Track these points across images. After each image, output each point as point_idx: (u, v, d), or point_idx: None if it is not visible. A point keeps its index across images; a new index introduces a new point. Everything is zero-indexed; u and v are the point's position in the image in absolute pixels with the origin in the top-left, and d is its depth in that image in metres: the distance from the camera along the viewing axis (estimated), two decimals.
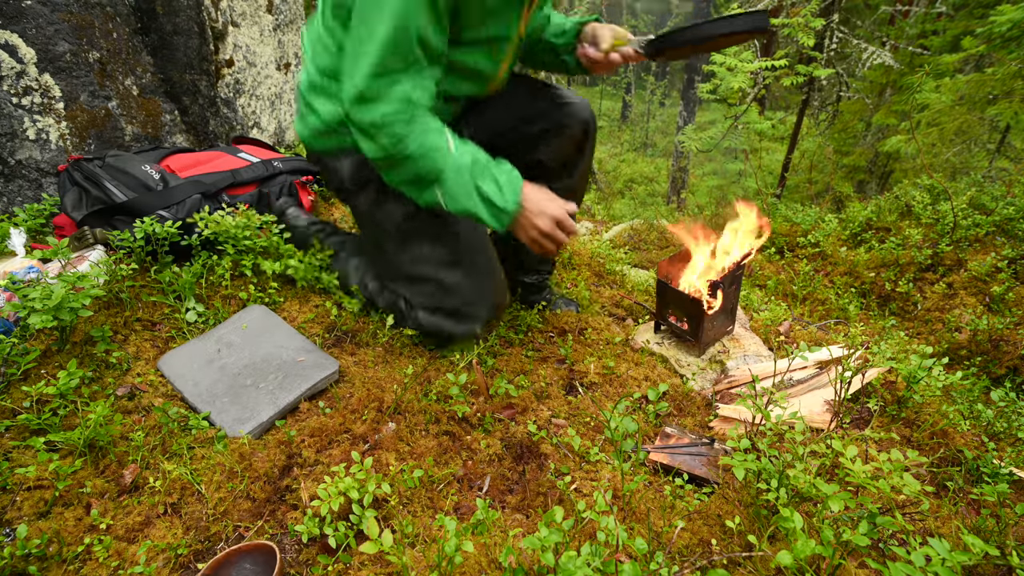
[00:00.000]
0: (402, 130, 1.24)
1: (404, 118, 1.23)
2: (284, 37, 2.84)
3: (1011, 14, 3.75)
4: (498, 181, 1.30)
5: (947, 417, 1.50)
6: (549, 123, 1.63)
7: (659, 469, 1.33)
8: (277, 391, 1.37)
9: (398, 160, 1.27)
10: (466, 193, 1.29)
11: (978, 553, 0.83)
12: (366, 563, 1.03)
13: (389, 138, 1.24)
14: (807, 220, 3.60)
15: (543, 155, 1.67)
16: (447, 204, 1.31)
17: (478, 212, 1.31)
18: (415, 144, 1.25)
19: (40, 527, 1.04)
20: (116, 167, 1.74)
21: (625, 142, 15.51)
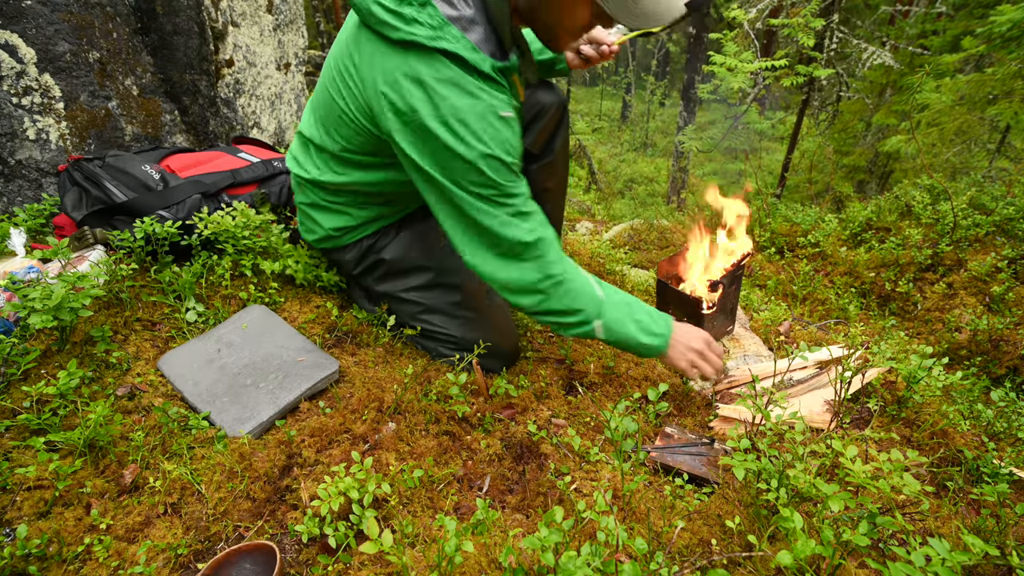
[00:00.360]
0: (556, 300, 1.33)
1: (552, 288, 1.32)
2: (284, 37, 2.84)
3: (1011, 14, 3.76)
4: (650, 313, 1.44)
5: (947, 417, 1.50)
6: (532, 114, 1.70)
7: (659, 469, 1.33)
8: (277, 391, 1.37)
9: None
10: (621, 331, 1.39)
11: (978, 553, 0.83)
12: (366, 563, 1.03)
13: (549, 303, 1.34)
14: (807, 220, 3.60)
15: (529, 144, 1.74)
16: (605, 337, 1.40)
17: (636, 339, 1.40)
18: (571, 302, 1.35)
19: (40, 527, 1.04)
20: (116, 167, 1.74)
21: (625, 142, 15.52)
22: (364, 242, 1.58)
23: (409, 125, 1.18)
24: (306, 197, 1.56)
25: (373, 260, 1.59)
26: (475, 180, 1.20)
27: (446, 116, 1.14)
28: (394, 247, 1.57)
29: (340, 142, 1.39)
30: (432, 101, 1.13)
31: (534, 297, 1.31)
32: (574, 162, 11.23)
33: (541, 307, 1.33)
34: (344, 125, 1.34)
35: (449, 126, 1.14)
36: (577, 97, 19.29)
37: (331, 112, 1.36)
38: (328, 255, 1.69)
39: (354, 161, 1.41)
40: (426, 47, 1.11)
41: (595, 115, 17.55)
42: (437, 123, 1.14)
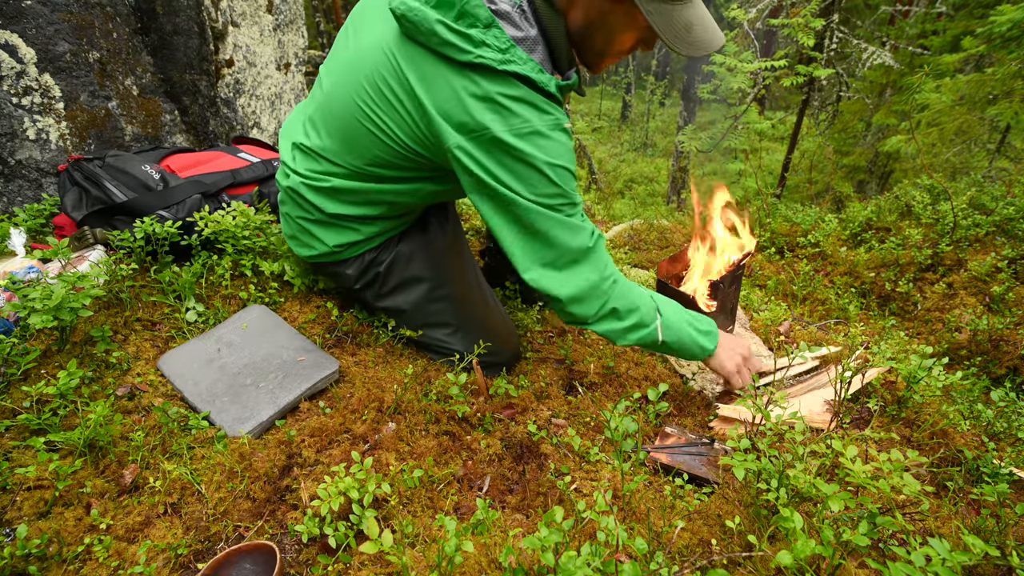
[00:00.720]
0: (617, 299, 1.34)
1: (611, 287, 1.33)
2: (284, 37, 2.84)
3: (1011, 14, 3.76)
4: (693, 315, 1.47)
5: (947, 417, 1.50)
6: None
7: (659, 469, 1.34)
8: (277, 390, 1.37)
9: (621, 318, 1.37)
10: (678, 325, 1.41)
11: (978, 553, 0.83)
12: (366, 563, 1.03)
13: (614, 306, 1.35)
14: (807, 220, 3.60)
15: None
16: (664, 337, 1.40)
17: (692, 338, 1.43)
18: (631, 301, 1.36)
19: (40, 527, 1.04)
20: (116, 167, 1.74)
21: (625, 142, 15.51)
22: (366, 256, 1.54)
23: (478, 140, 1.17)
24: (306, 213, 1.48)
25: (374, 274, 1.56)
26: (546, 190, 1.21)
27: (519, 129, 1.15)
28: (394, 258, 1.55)
29: (367, 158, 1.34)
30: (504, 117, 1.15)
31: (597, 302, 1.31)
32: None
33: (605, 310, 1.33)
34: (379, 142, 1.30)
35: (523, 137, 1.16)
36: (577, 97, 19.29)
37: (359, 128, 1.30)
38: (324, 269, 1.61)
39: (375, 175, 1.37)
40: (496, 70, 1.12)
41: (595, 115, 17.54)
42: (510, 135, 1.15)
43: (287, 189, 1.49)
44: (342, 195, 1.43)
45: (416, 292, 1.58)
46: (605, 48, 1.28)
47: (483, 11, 1.10)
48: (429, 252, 1.58)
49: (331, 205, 1.45)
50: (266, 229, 1.78)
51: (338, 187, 1.41)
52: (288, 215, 1.54)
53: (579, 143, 10.79)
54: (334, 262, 1.57)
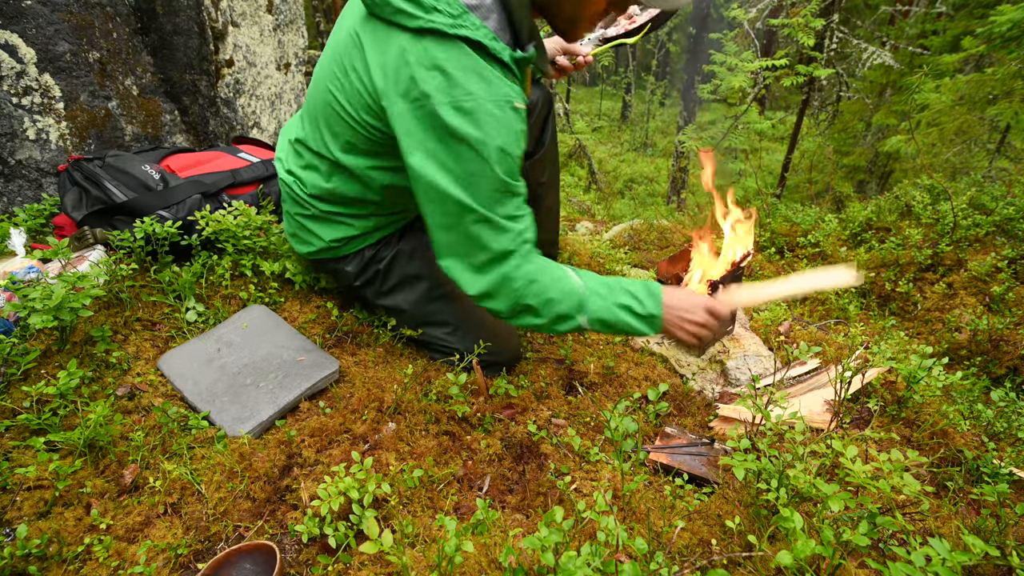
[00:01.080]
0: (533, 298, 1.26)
1: (526, 287, 1.25)
2: (284, 37, 2.84)
3: (1011, 14, 3.76)
4: (634, 294, 1.34)
5: (947, 417, 1.50)
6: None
7: (659, 469, 1.34)
8: (277, 390, 1.37)
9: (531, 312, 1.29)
10: (608, 313, 1.30)
11: (978, 553, 0.83)
12: (366, 563, 1.03)
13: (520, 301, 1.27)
14: (807, 220, 3.60)
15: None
16: (591, 327, 1.32)
17: (626, 324, 1.33)
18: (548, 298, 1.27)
19: (40, 527, 1.04)
20: (116, 167, 1.74)
21: (625, 142, 15.51)
22: (366, 252, 1.55)
23: (418, 112, 1.13)
24: (303, 209, 1.50)
25: (374, 271, 1.56)
26: (478, 172, 1.15)
27: (460, 101, 1.10)
28: (395, 256, 1.56)
29: (340, 144, 1.36)
30: (447, 87, 1.10)
31: (508, 299, 1.25)
32: (574, 162, 11.24)
33: (519, 307, 1.27)
34: (346, 125, 1.31)
35: (462, 111, 1.10)
36: (577, 97, 19.29)
37: (329, 111, 1.33)
38: (324, 267, 1.62)
39: (352, 167, 1.38)
40: (446, 35, 1.08)
41: (595, 115, 17.54)
42: (449, 109, 1.10)
43: (286, 186, 1.52)
44: (327, 188, 1.44)
45: (417, 290, 1.58)
46: (576, 13, 1.23)
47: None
48: (430, 251, 1.58)
49: (321, 200, 1.47)
50: (267, 229, 1.78)
51: (322, 180, 1.43)
52: (288, 212, 1.56)
53: (579, 143, 10.78)
54: (334, 259, 1.57)
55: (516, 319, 1.29)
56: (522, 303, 1.26)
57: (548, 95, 1.78)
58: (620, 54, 18.51)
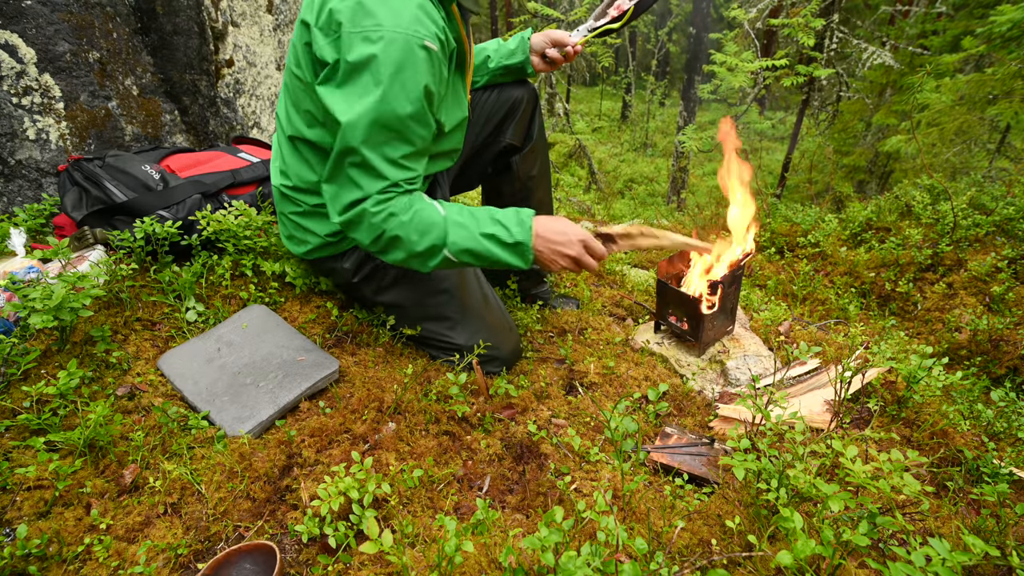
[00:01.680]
0: (389, 228, 1.25)
1: (385, 219, 1.24)
2: (284, 37, 2.84)
3: (1011, 14, 3.76)
4: (501, 222, 1.31)
5: (947, 417, 1.50)
6: (505, 110, 1.74)
7: (659, 469, 1.33)
8: (277, 390, 1.37)
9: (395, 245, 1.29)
10: (473, 242, 1.29)
11: (978, 553, 0.83)
12: (366, 563, 1.03)
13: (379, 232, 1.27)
14: (807, 220, 3.60)
15: (510, 138, 1.78)
16: (459, 259, 1.31)
17: (493, 255, 1.31)
18: (407, 232, 1.26)
19: (40, 527, 1.04)
20: (116, 167, 1.74)
21: (625, 142, 15.50)
22: (360, 251, 1.55)
23: (334, 43, 1.14)
24: (295, 206, 1.50)
25: (372, 266, 1.56)
26: (374, 106, 1.13)
27: (368, 31, 1.10)
28: None
29: (303, 117, 1.36)
30: (358, 16, 1.11)
31: (371, 232, 1.24)
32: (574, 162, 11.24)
33: (381, 242, 1.26)
34: (301, 91, 1.33)
35: (368, 40, 1.10)
36: (577, 97, 19.30)
37: (292, 84, 1.35)
38: (323, 265, 1.62)
39: (319, 144, 1.38)
40: None
41: (595, 115, 17.54)
42: (357, 38, 1.11)
43: (279, 187, 1.52)
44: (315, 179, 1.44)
45: (415, 285, 1.58)
46: None
47: None
48: None
49: (310, 194, 1.47)
50: (268, 229, 1.78)
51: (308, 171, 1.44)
52: (282, 213, 1.56)
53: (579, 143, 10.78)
54: (331, 256, 1.57)
55: (384, 254, 1.30)
56: (385, 236, 1.25)
57: (533, 90, 1.81)
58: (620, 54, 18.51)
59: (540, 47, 1.70)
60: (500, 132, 1.76)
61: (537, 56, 1.71)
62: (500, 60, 1.71)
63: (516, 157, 1.82)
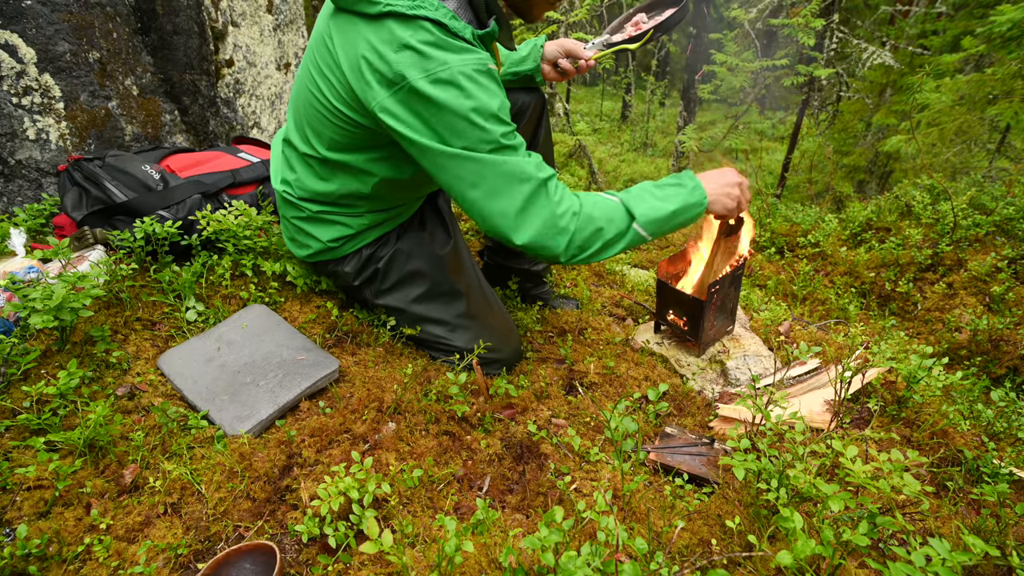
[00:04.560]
0: (584, 227, 1.26)
1: (573, 218, 1.25)
2: (284, 37, 2.84)
3: (1011, 14, 3.76)
4: (669, 183, 1.37)
5: (947, 417, 1.50)
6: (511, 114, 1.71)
7: (659, 469, 1.33)
8: (277, 389, 1.37)
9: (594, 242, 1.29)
10: (660, 208, 1.32)
11: (978, 553, 0.83)
12: (366, 563, 1.03)
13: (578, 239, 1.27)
14: (807, 220, 3.60)
15: None
16: (647, 230, 1.32)
17: (682, 213, 1.34)
18: (599, 220, 1.28)
19: (40, 527, 1.04)
20: (116, 167, 1.74)
21: (625, 142, 15.49)
22: (364, 251, 1.55)
23: (398, 94, 1.15)
24: (298, 211, 1.51)
25: (373, 270, 1.56)
26: (475, 136, 1.16)
27: (437, 73, 1.11)
28: (393, 254, 1.56)
29: (325, 142, 1.36)
30: (420, 63, 1.11)
31: (562, 238, 1.24)
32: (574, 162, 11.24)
33: (574, 245, 1.26)
34: (327, 122, 1.31)
35: (442, 83, 1.12)
36: (577, 97, 19.29)
37: (311, 112, 1.34)
38: (324, 269, 1.63)
39: (341, 163, 1.39)
40: (406, 16, 1.10)
41: (595, 115, 17.54)
42: (428, 82, 1.11)
43: (282, 193, 1.53)
44: (319, 190, 1.45)
45: (416, 288, 1.58)
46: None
47: None
48: (428, 249, 1.58)
49: (314, 202, 1.48)
50: (268, 229, 1.78)
51: (313, 182, 1.44)
52: (285, 217, 1.57)
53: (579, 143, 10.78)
54: (333, 260, 1.57)
55: (577, 258, 1.29)
56: (577, 239, 1.26)
57: (542, 96, 1.79)
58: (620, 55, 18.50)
59: (553, 56, 1.70)
60: None
61: (548, 65, 1.71)
62: (511, 66, 1.70)
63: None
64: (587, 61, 1.67)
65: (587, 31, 7.81)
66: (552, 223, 1.23)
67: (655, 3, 1.70)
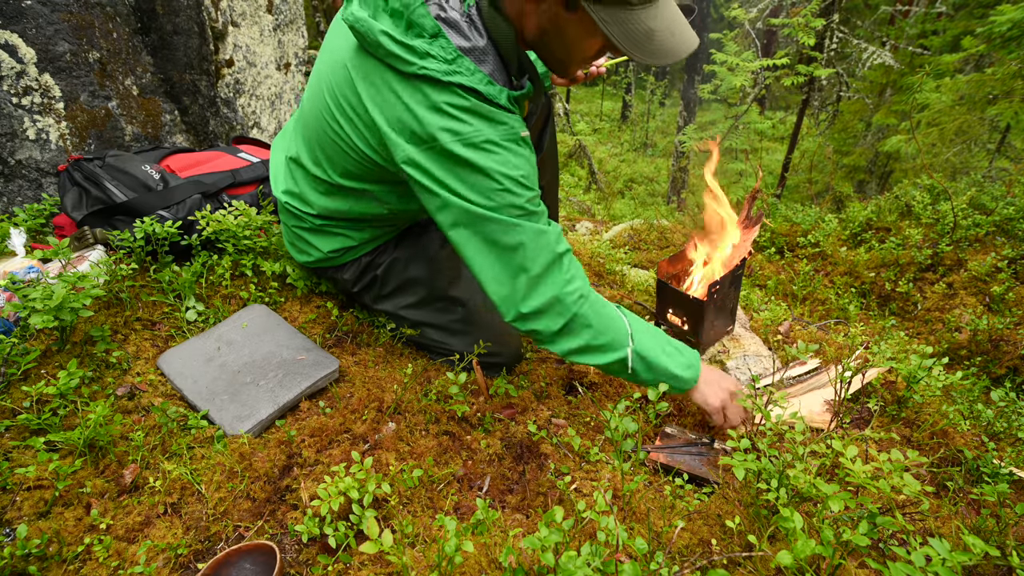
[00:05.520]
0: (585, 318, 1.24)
1: (578, 302, 1.23)
2: (284, 37, 2.84)
3: (1011, 14, 3.76)
4: (677, 345, 1.36)
5: (947, 417, 1.50)
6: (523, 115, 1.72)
7: (659, 469, 1.33)
8: (277, 389, 1.37)
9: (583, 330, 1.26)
10: (656, 354, 1.29)
11: (978, 553, 0.83)
12: (366, 563, 1.03)
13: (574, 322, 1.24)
14: (807, 220, 3.60)
15: None
16: (632, 365, 1.28)
17: (670, 370, 1.31)
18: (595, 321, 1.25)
19: (40, 527, 1.04)
20: (116, 167, 1.74)
21: (625, 142, 15.50)
22: (363, 259, 1.56)
23: (428, 153, 1.13)
24: (300, 222, 1.51)
25: (371, 277, 1.57)
26: (502, 200, 1.15)
27: (471, 138, 1.11)
28: (392, 263, 1.56)
29: (339, 171, 1.35)
30: (453, 127, 1.10)
31: (561, 317, 1.22)
32: (574, 162, 11.24)
33: (570, 328, 1.23)
34: (345, 155, 1.30)
35: (475, 147, 1.11)
36: (577, 97, 19.29)
37: (325, 140, 1.32)
38: (323, 274, 1.64)
39: (352, 189, 1.38)
40: (440, 81, 1.08)
41: (595, 115, 17.54)
42: (461, 146, 1.11)
43: (281, 202, 1.53)
44: (324, 207, 1.45)
45: (415, 295, 1.58)
46: (567, 57, 1.23)
47: (429, 21, 1.07)
48: (427, 255, 1.58)
49: (318, 217, 1.48)
50: (268, 229, 1.78)
51: (319, 199, 1.44)
52: (285, 224, 1.57)
53: (579, 143, 10.78)
54: (332, 267, 1.58)
55: (560, 342, 1.25)
56: (575, 324, 1.23)
57: (548, 99, 1.78)
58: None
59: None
60: None
61: None
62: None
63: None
64: (598, 67, 1.67)
65: None
66: (557, 299, 1.20)
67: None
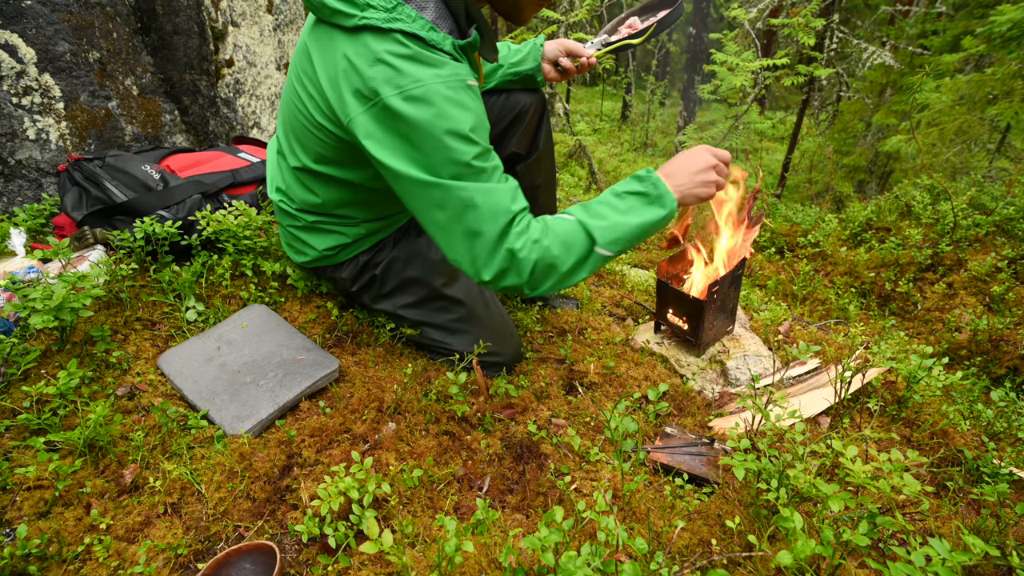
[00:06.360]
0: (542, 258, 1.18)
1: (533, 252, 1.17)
2: (284, 37, 2.84)
3: (1011, 14, 3.75)
4: (629, 192, 1.26)
5: (947, 417, 1.50)
6: (511, 118, 1.72)
7: (659, 469, 1.33)
8: (277, 388, 1.37)
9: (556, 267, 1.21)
10: (622, 228, 1.23)
11: (978, 553, 0.83)
12: (366, 563, 1.03)
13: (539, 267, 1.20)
14: (807, 220, 3.60)
15: (515, 146, 1.75)
16: (613, 251, 1.24)
17: (646, 225, 1.24)
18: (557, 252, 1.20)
19: (40, 527, 1.04)
20: (116, 167, 1.74)
21: (625, 142, 15.50)
22: (360, 258, 1.55)
23: (372, 111, 1.11)
24: (294, 221, 1.51)
25: (370, 276, 1.56)
26: (446, 160, 1.10)
27: (409, 89, 1.07)
28: (390, 262, 1.56)
29: (311, 155, 1.34)
30: (394, 78, 1.07)
31: (525, 271, 1.17)
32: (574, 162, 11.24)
33: (537, 275, 1.18)
34: (311, 135, 1.29)
35: (413, 99, 1.08)
36: (577, 97, 19.29)
37: (296, 123, 1.32)
38: (322, 274, 1.63)
39: (327, 176, 1.37)
40: (382, 29, 1.08)
41: (595, 115, 17.54)
42: (400, 99, 1.08)
43: (276, 202, 1.53)
44: (311, 202, 1.44)
45: (413, 295, 1.58)
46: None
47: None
48: (426, 254, 1.58)
49: (309, 214, 1.47)
50: (268, 229, 1.78)
51: (305, 194, 1.43)
52: (281, 224, 1.57)
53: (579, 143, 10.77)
54: (330, 267, 1.58)
55: (540, 288, 1.22)
56: (539, 269, 1.18)
57: (542, 97, 1.78)
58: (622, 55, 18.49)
59: (553, 55, 1.69)
60: (505, 140, 1.73)
61: (549, 64, 1.70)
62: (510, 66, 1.69)
63: (521, 166, 1.79)
64: (588, 59, 1.67)
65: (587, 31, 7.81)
66: (515, 254, 1.16)
67: (649, 6, 1.70)
